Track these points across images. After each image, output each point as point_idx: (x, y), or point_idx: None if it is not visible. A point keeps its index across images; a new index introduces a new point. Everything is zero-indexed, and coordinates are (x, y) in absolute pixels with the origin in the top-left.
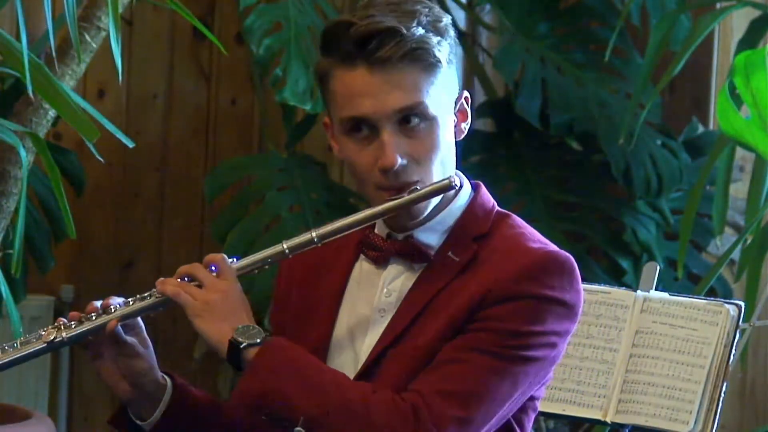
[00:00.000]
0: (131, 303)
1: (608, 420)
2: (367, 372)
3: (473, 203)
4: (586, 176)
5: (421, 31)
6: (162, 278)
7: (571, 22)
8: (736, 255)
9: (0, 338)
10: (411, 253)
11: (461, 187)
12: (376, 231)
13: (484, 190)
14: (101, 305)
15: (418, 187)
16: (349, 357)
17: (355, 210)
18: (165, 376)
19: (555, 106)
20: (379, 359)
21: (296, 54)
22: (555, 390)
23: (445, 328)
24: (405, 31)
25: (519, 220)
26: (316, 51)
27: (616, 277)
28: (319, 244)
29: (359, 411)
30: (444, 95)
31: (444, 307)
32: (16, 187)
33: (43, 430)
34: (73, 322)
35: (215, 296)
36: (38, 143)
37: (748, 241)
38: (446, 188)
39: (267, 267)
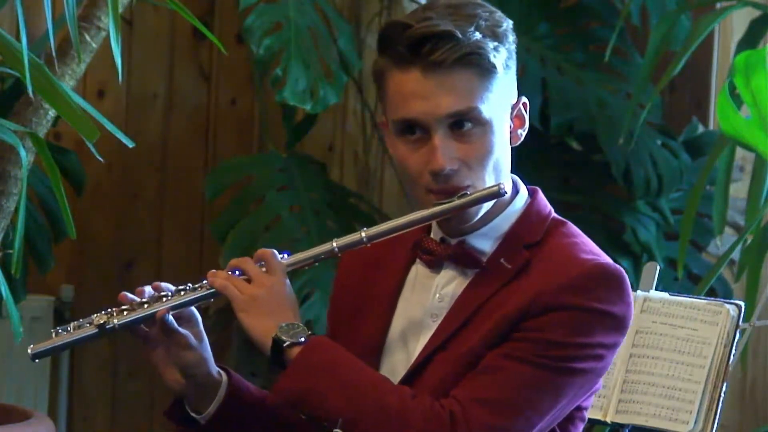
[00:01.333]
0: (182, 293)
1: (608, 420)
2: (415, 374)
3: (528, 209)
4: (586, 176)
5: (477, 35)
6: (213, 270)
7: (571, 22)
8: (736, 255)
9: (0, 338)
10: (463, 258)
11: (516, 193)
12: (431, 235)
13: (541, 196)
14: (152, 288)
15: (468, 192)
16: (401, 357)
17: (355, 210)
18: (221, 371)
19: (555, 106)
20: (427, 362)
21: (296, 54)
22: None
23: (490, 335)
24: (460, 36)
25: (574, 229)
26: (316, 51)
27: None
28: (368, 244)
29: (396, 415)
30: (499, 100)
31: (491, 314)
32: (16, 187)
33: (43, 430)
34: (124, 308)
35: (262, 291)
36: (38, 143)
37: (748, 241)
38: (495, 195)
39: (316, 264)
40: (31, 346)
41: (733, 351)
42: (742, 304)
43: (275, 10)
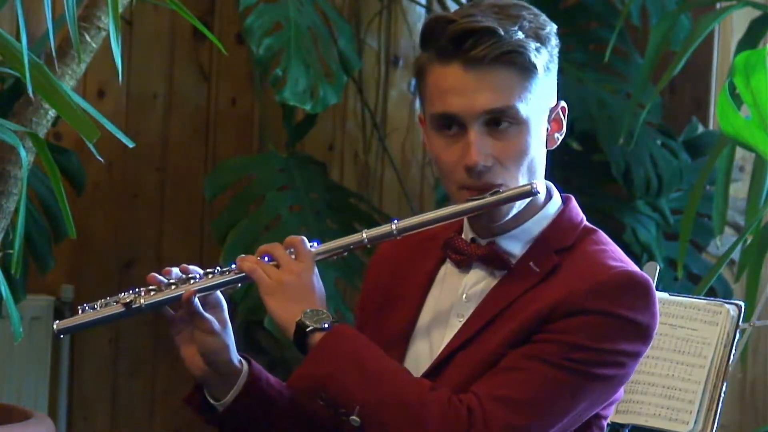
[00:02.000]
0: (210, 276)
1: (608, 420)
2: (436, 371)
3: (561, 215)
4: (586, 176)
5: (520, 35)
6: (243, 255)
7: (571, 22)
8: (736, 255)
9: (0, 338)
10: (492, 259)
11: (550, 198)
12: (462, 235)
13: (574, 203)
14: (180, 270)
15: (501, 190)
16: (425, 354)
17: (355, 210)
18: (242, 360)
19: None
20: (448, 360)
21: (296, 54)
22: None
23: (513, 336)
24: (502, 33)
25: (605, 237)
26: (316, 51)
27: None
28: (398, 237)
29: (414, 407)
30: (537, 101)
31: (516, 316)
32: (16, 187)
33: (43, 430)
34: (152, 288)
35: (289, 277)
36: (38, 143)
37: (748, 241)
38: (527, 194)
39: (345, 254)
40: (57, 322)
41: (733, 351)
42: (742, 304)
43: (275, 10)
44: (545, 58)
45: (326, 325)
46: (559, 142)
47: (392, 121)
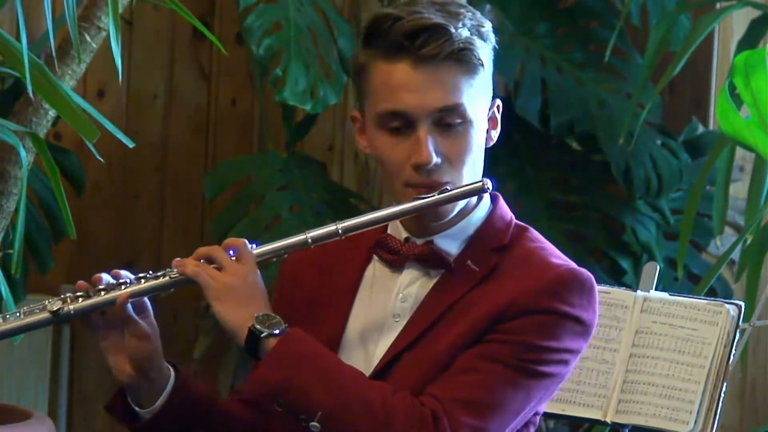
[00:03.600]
0: (143, 281)
1: (608, 420)
2: (380, 375)
3: (493, 214)
4: (586, 176)
5: (466, 32)
6: (179, 258)
7: (571, 22)
8: (736, 255)
9: None
10: (429, 258)
11: (482, 197)
12: (391, 233)
13: (502, 202)
14: (112, 275)
15: (449, 188)
16: (360, 359)
17: (355, 210)
18: (169, 366)
19: (555, 106)
20: (393, 363)
21: (296, 54)
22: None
23: (465, 337)
24: (453, 30)
25: (537, 234)
26: (316, 51)
27: (616, 277)
28: (343, 237)
29: (378, 411)
30: (481, 99)
31: (463, 316)
32: (16, 187)
33: (43, 430)
34: (80, 295)
35: (235, 280)
36: (38, 143)
37: (748, 241)
38: (479, 191)
39: (286, 255)
40: None
41: (733, 351)
42: (742, 304)
43: (275, 10)
44: (488, 56)
45: (279, 330)
46: (495, 140)
47: None
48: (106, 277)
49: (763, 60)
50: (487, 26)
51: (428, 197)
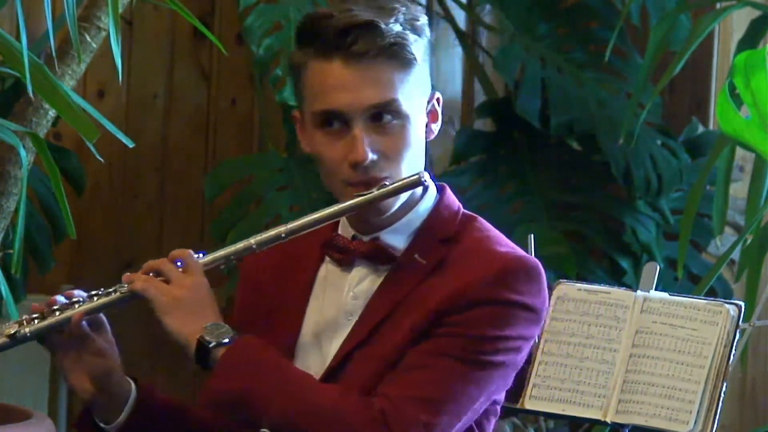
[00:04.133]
0: (96, 298)
1: (608, 420)
2: (333, 374)
3: (439, 205)
4: (586, 176)
5: (398, 27)
6: (128, 273)
7: (571, 22)
8: (736, 255)
9: None
10: (377, 254)
11: (427, 187)
12: (340, 232)
13: (449, 192)
14: (65, 296)
15: (387, 183)
16: (316, 359)
17: None
18: (129, 380)
19: (555, 106)
20: (346, 361)
21: None
22: (555, 390)
23: (413, 332)
24: (383, 26)
25: (485, 223)
26: None
27: (616, 277)
28: (287, 240)
29: (329, 414)
30: (417, 94)
31: (411, 311)
32: (16, 187)
33: (43, 430)
34: (35, 316)
35: (183, 292)
36: (38, 143)
37: (748, 241)
38: (416, 184)
39: (234, 262)
40: None
41: (733, 351)
42: (742, 304)
43: (275, 10)
44: (422, 50)
45: (227, 340)
46: (436, 133)
47: None
48: (60, 299)
49: (763, 60)
50: (422, 20)
51: (366, 194)
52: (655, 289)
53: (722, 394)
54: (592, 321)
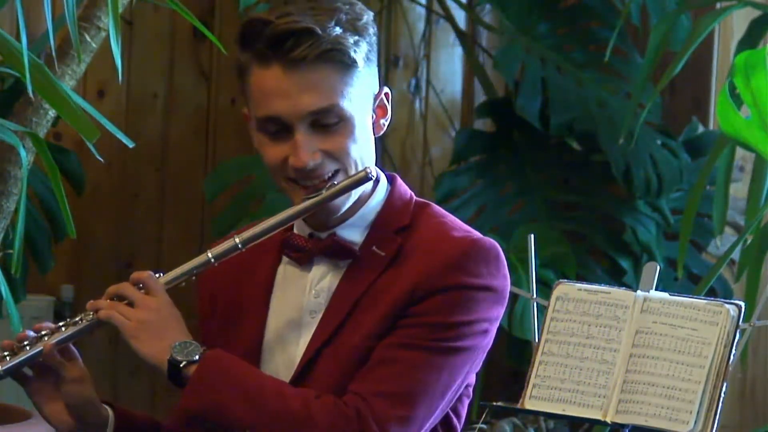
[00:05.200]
0: (63, 328)
1: (608, 420)
2: (303, 374)
3: (391, 196)
4: (586, 176)
5: (338, 30)
6: (92, 300)
7: (571, 22)
8: (736, 255)
9: (0, 338)
10: (335, 250)
11: (378, 179)
12: (296, 231)
13: (400, 181)
14: (34, 330)
15: (335, 183)
16: (281, 361)
17: None
18: (106, 406)
19: (555, 106)
20: (313, 360)
21: None
22: (555, 390)
23: (378, 326)
24: (320, 32)
25: (439, 209)
26: None
27: (616, 277)
28: (243, 249)
29: (302, 419)
30: (361, 94)
31: (375, 304)
32: (16, 187)
33: (43, 430)
34: (6, 354)
35: (148, 314)
36: (38, 143)
37: (748, 241)
38: (363, 180)
39: (194, 278)
40: None
41: (733, 351)
42: (742, 304)
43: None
44: (365, 50)
45: (197, 357)
46: (385, 128)
47: (392, 121)
48: (30, 333)
49: (763, 60)
50: (366, 18)
51: (315, 196)
52: (655, 289)
53: (722, 394)
54: (592, 321)
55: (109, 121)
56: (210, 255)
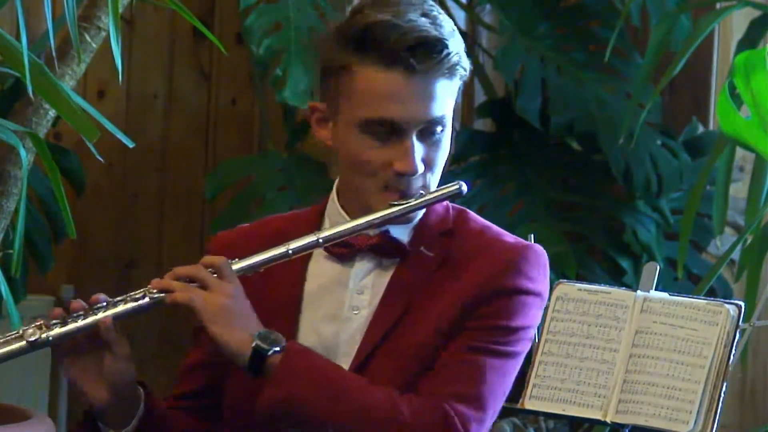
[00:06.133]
0: (123, 303)
1: (608, 420)
2: (358, 370)
3: None
4: (586, 176)
5: (458, 45)
6: (157, 279)
7: (571, 22)
8: (736, 255)
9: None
10: (386, 249)
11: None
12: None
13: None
14: (91, 301)
15: (423, 192)
16: (321, 354)
17: None
18: (138, 385)
19: (555, 106)
20: (369, 358)
21: (296, 54)
22: (555, 390)
23: (439, 326)
24: (448, 45)
25: (476, 215)
26: (316, 51)
27: (616, 277)
28: (323, 246)
29: (390, 415)
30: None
31: (431, 304)
32: (16, 187)
33: (43, 430)
34: (54, 322)
35: (227, 300)
36: (38, 143)
37: (748, 241)
38: (455, 195)
39: (262, 269)
40: None
41: (733, 351)
42: (742, 304)
43: (275, 10)
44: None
45: (280, 347)
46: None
47: None
48: (82, 303)
49: (763, 60)
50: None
51: (407, 203)
52: (655, 289)
53: (722, 394)
54: (592, 321)
55: (109, 121)
56: (289, 248)
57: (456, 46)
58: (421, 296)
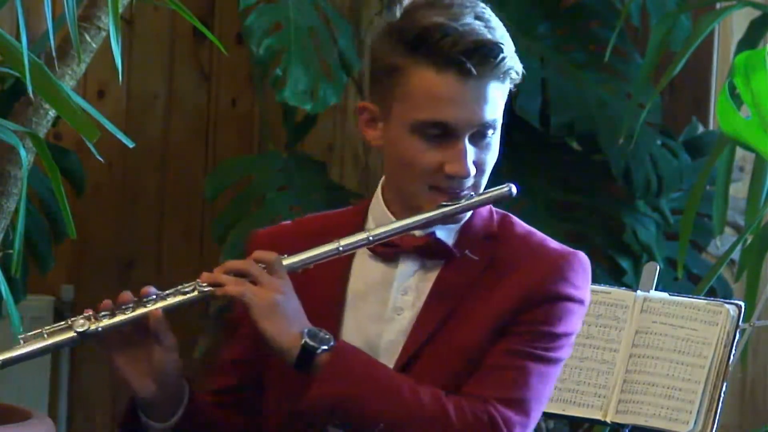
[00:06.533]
0: (172, 296)
1: (608, 420)
2: (401, 372)
3: None
4: (586, 176)
5: (509, 45)
6: (207, 273)
7: (571, 22)
8: (736, 255)
9: (0, 338)
10: (432, 250)
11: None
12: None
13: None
14: (142, 293)
15: (473, 194)
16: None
17: None
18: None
19: (555, 106)
20: (412, 359)
21: (296, 54)
22: (555, 390)
23: (487, 329)
24: (505, 49)
25: (519, 220)
26: (316, 51)
27: (616, 277)
28: (373, 244)
29: (438, 416)
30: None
31: (476, 308)
32: (16, 187)
33: (43, 430)
34: (103, 313)
35: (278, 296)
36: (38, 143)
37: (748, 241)
38: (505, 197)
39: (312, 265)
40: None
41: (733, 351)
42: (742, 304)
43: (275, 10)
44: None
45: (329, 346)
46: None
47: None
48: (131, 296)
49: (763, 60)
50: None
51: (457, 204)
52: (655, 289)
53: (722, 394)
54: (592, 321)
55: (109, 121)
56: (339, 245)
57: (509, 49)
58: (466, 299)
